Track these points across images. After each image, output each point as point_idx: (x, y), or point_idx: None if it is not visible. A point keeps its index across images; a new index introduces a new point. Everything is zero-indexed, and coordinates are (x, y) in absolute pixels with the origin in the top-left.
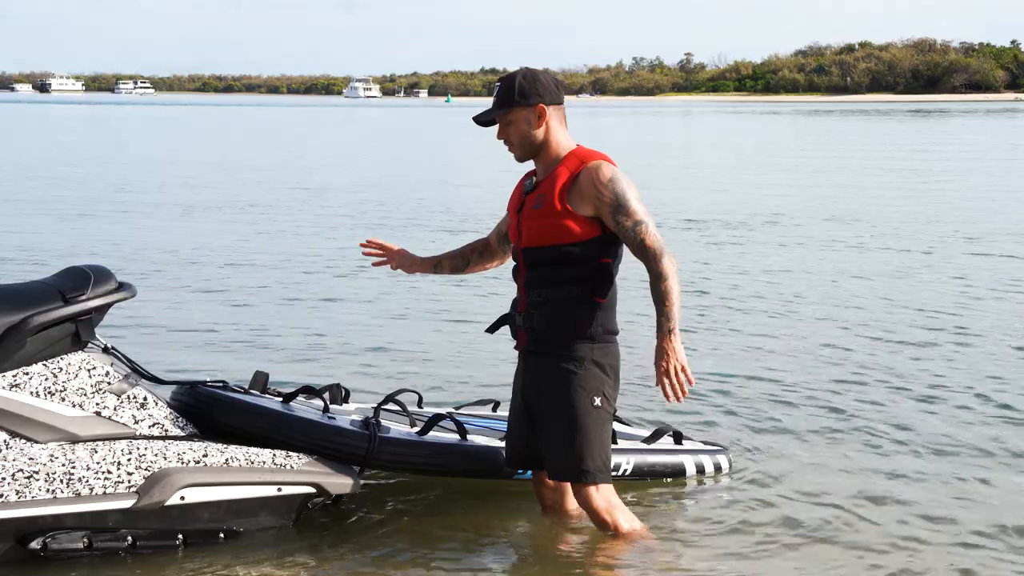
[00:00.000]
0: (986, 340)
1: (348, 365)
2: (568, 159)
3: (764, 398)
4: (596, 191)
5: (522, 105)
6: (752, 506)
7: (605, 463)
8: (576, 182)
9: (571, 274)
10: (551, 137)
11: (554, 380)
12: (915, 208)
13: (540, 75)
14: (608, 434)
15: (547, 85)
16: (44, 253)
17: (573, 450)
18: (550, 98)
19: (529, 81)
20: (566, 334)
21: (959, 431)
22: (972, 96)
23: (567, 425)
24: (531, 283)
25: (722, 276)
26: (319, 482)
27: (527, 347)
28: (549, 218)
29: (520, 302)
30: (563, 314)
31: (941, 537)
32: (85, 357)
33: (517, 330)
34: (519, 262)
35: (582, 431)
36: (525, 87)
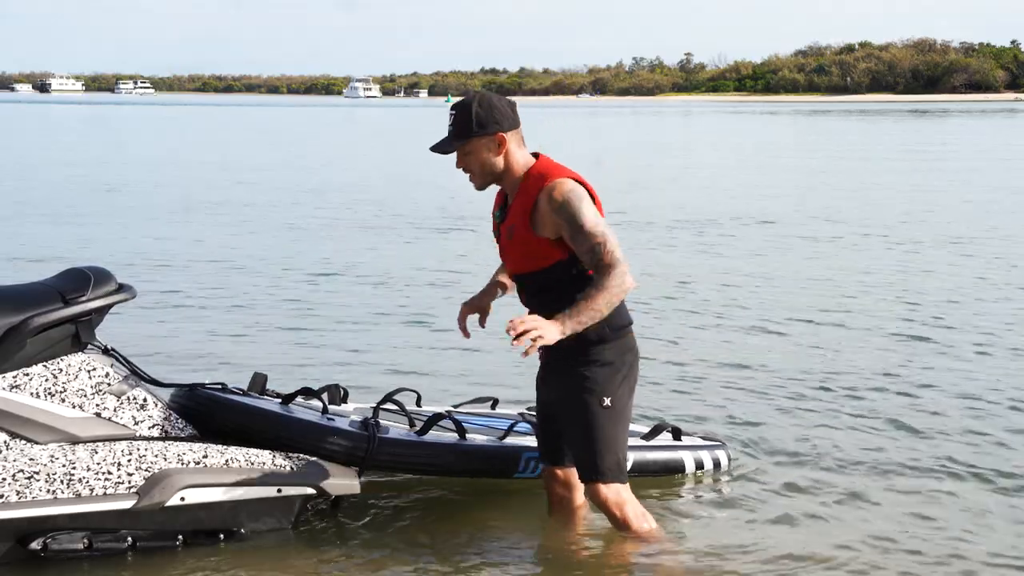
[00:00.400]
0: (980, 337)
1: (345, 365)
2: (527, 181)
3: (762, 394)
4: (552, 216)
5: (481, 135)
6: (751, 501)
7: (617, 463)
8: (536, 207)
9: (563, 292)
10: (511, 161)
11: (565, 384)
12: (911, 208)
13: (495, 101)
14: (621, 432)
15: (503, 111)
16: (44, 254)
17: (585, 451)
18: (508, 124)
19: (486, 109)
20: (578, 343)
21: (956, 426)
22: (972, 96)
23: (579, 427)
24: (530, 303)
25: (720, 274)
26: (319, 483)
27: (550, 360)
28: (522, 248)
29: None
30: (576, 342)
31: (939, 532)
32: (85, 358)
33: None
34: (518, 286)
35: (592, 432)
36: (482, 116)
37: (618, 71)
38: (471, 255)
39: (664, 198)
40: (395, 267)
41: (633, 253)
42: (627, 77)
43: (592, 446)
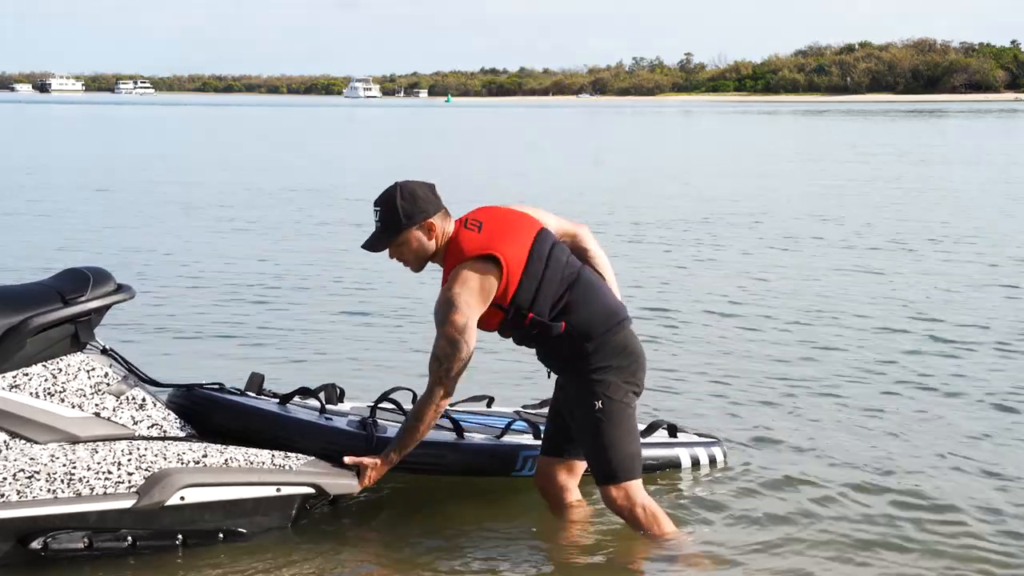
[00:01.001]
0: (980, 335)
1: (341, 364)
2: (447, 258)
3: (757, 390)
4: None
5: (409, 226)
6: (748, 497)
7: (623, 462)
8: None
9: (538, 342)
10: (441, 242)
11: (576, 391)
12: (908, 208)
13: (417, 189)
14: (623, 430)
15: (427, 198)
16: (43, 255)
17: (597, 454)
18: (432, 208)
19: (409, 201)
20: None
21: (954, 422)
22: (972, 96)
23: (591, 432)
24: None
25: (717, 273)
26: (318, 483)
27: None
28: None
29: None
30: (554, 361)
31: (936, 525)
32: (84, 358)
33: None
34: None
35: (603, 438)
36: (407, 208)
37: (618, 71)
38: None
39: (660, 197)
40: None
41: (630, 252)
42: (627, 77)
43: (598, 451)
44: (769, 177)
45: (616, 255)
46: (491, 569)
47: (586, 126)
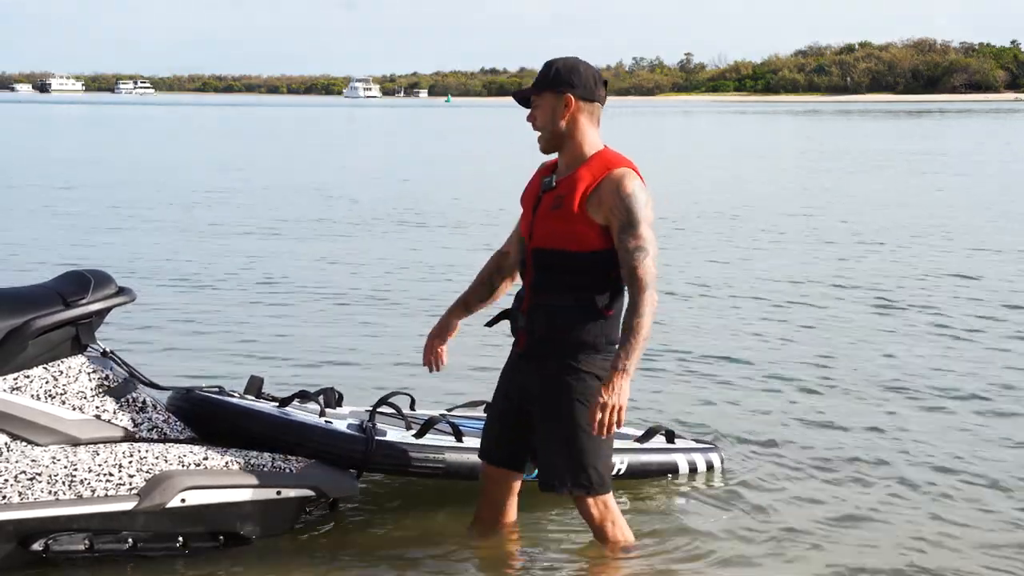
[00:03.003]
0: (975, 332)
1: (340, 368)
2: (593, 161)
3: (755, 396)
4: (614, 201)
5: (552, 89)
6: (744, 503)
7: (604, 475)
8: (598, 189)
9: (580, 283)
10: (577, 132)
11: (554, 390)
12: (907, 208)
13: (581, 67)
14: (609, 445)
15: (584, 78)
16: (43, 257)
17: (576, 462)
18: (582, 92)
19: (567, 69)
20: (569, 343)
21: (950, 425)
22: (972, 96)
23: (568, 438)
24: (538, 286)
25: (713, 274)
26: (318, 485)
27: (526, 351)
28: (565, 222)
29: (524, 301)
30: (567, 322)
31: (936, 526)
32: (85, 361)
33: (518, 330)
34: (528, 261)
35: (582, 445)
36: (561, 73)
37: (618, 71)
38: (464, 256)
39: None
40: (390, 270)
41: None
42: (627, 77)
43: (582, 458)
44: (766, 177)
45: None
46: (490, 572)
47: None
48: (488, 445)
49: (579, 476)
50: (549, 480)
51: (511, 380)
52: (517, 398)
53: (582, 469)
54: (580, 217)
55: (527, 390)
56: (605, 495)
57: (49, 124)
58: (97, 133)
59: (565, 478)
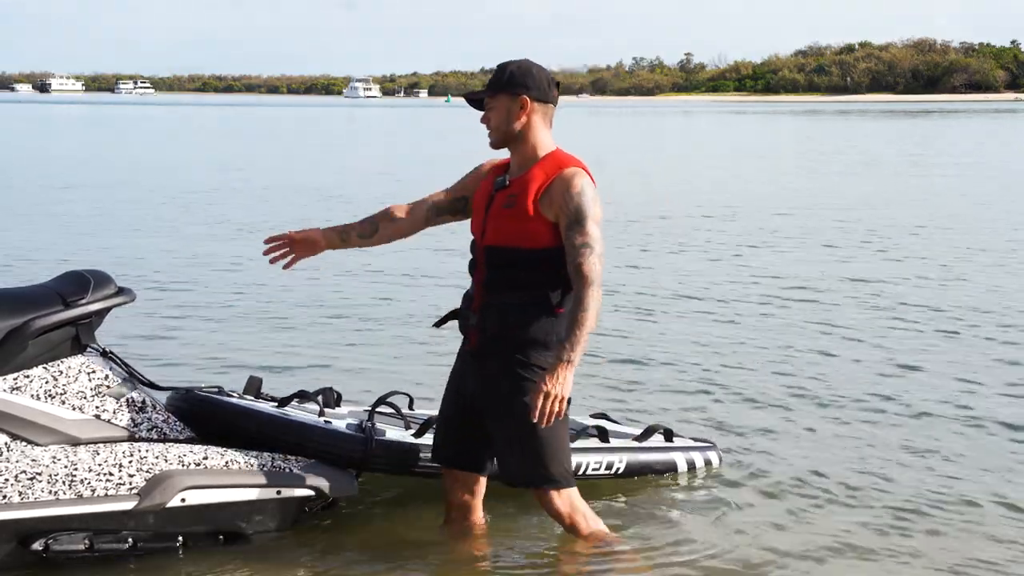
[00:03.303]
0: (975, 330)
1: (339, 368)
2: (546, 161)
3: (751, 394)
4: (563, 199)
5: (507, 92)
6: (743, 501)
7: (567, 468)
8: (550, 187)
9: (532, 280)
10: (530, 133)
11: (509, 388)
12: (906, 208)
13: (535, 69)
14: (567, 437)
15: (538, 80)
16: (43, 257)
17: (535, 458)
18: (536, 93)
19: (521, 72)
20: (521, 340)
21: (948, 424)
22: (972, 96)
23: (527, 434)
24: (489, 284)
25: (709, 274)
26: (317, 485)
27: (478, 349)
28: (518, 220)
29: (474, 300)
30: (520, 320)
31: (934, 526)
32: (85, 361)
33: (469, 329)
34: (478, 260)
35: (543, 440)
36: (515, 76)
37: (618, 71)
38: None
39: (651, 195)
40: (389, 270)
41: (619, 253)
42: (627, 77)
43: (542, 454)
44: (765, 177)
45: (611, 253)
46: (489, 571)
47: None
48: (440, 447)
49: (541, 472)
50: (511, 478)
51: (461, 380)
52: (469, 397)
53: (543, 465)
54: (533, 215)
55: (479, 389)
56: (569, 489)
57: (49, 124)
58: (97, 133)
59: (527, 475)
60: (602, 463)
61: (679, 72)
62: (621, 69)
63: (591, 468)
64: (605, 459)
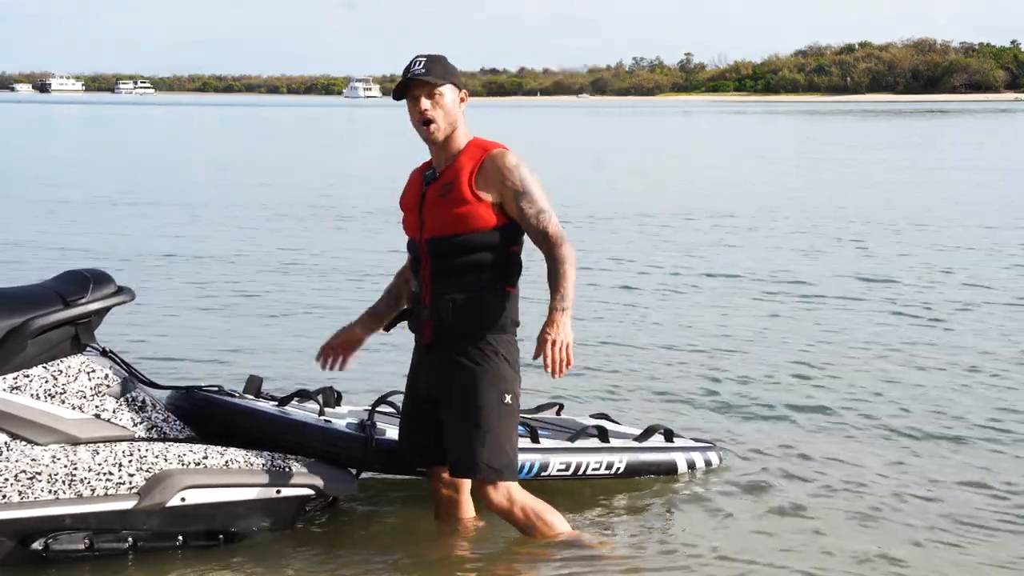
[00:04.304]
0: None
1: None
2: (469, 148)
3: (752, 394)
4: (501, 177)
5: (455, 84)
6: (743, 502)
7: (512, 460)
8: (482, 168)
9: (480, 262)
10: (461, 123)
11: (462, 375)
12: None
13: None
14: (515, 430)
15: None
16: (43, 256)
17: (478, 448)
18: (462, 88)
19: (450, 65)
20: (475, 325)
21: (950, 419)
22: (972, 96)
23: (474, 422)
24: (438, 274)
25: (709, 273)
26: (317, 484)
27: (432, 340)
28: (456, 206)
29: (424, 295)
30: (473, 304)
31: (933, 525)
32: (84, 360)
33: (421, 323)
34: (422, 255)
35: (490, 429)
36: (451, 69)
37: (618, 71)
38: None
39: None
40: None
41: (618, 252)
42: (627, 77)
43: (487, 442)
44: (764, 177)
45: (610, 254)
46: (488, 571)
47: (584, 127)
48: (404, 445)
49: (478, 461)
50: (451, 465)
51: (417, 377)
52: (424, 389)
53: (482, 453)
54: (471, 198)
55: (432, 379)
56: (507, 482)
57: (49, 124)
58: (97, 133)
59: (465, 463)
60: (602, 463)
61: (679, 72)
62: (621, 69)
63: (591, 468)
64: (605, 459)
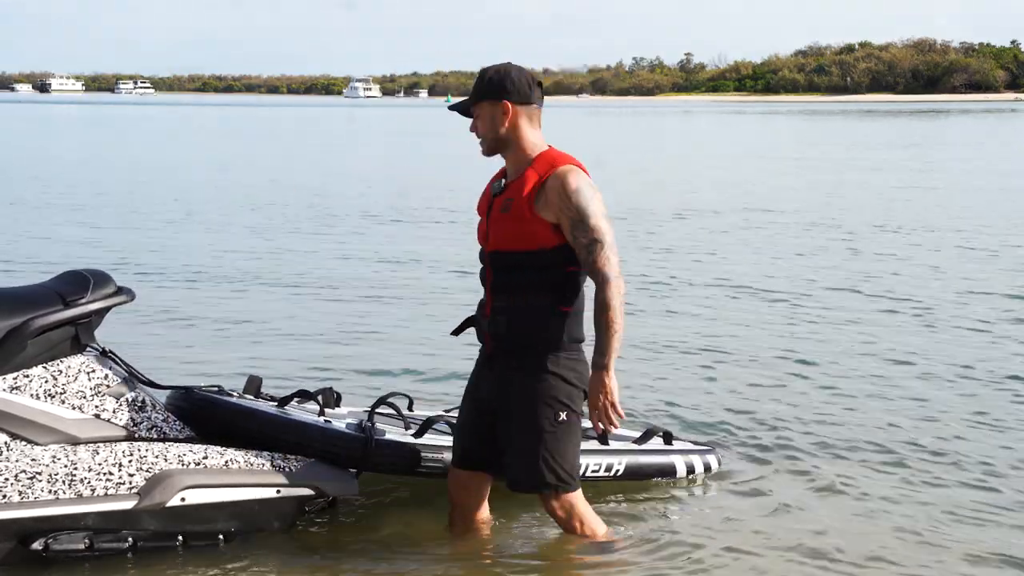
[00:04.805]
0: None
1: (339, 368)
2: (538, 162)
3: (753, 398)
4: (560, 201)
5: (489, 99)
6: (742, 505)
7: (570, 473)
8: (543, 188)
9: (537, 281)
10: (519, 136)
11: (519, 391)
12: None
13: (513, 72)
14: (577, 443)
15: (517, 83)
16: (43, 256)
17: (537, 463)
18: (517, 97)
19: (499, 76)
20: (531, 343)
21: (950, 418)
22: (972, 96)
23: (530, 439)
24: (497, 288)
25: (708, 273)
26: (317, 484)
27: (491, 353)
28: (516, 223)
29: (486, 306)
30: (528, 322)
31: (933, 524)
32: (84, 360)
33: (483, 334)
34: (486, 265)
35: (547, 445)
36: (494, 82)
37: (618, 71)
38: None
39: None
40: (388, 269)
41: (620, 250)
42: (627, 77)
43: (545, 458)
44: (764, 177)
45: None
46: (489, 571)
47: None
48: (461, 451)
49: (542, 476)
50: (515, 480)
51: (478, 385)
52: (484, 401)
53: (546, 469)
54: (530, 217)
55: (492, 392)
56: (570, 494)
57: (49, 124)
58: (97, 133)
59: (529, 478)
60: (601, 465)
61: (679, 72)
62: (621, 69)
63: (590, 470)
64: (604, 461)
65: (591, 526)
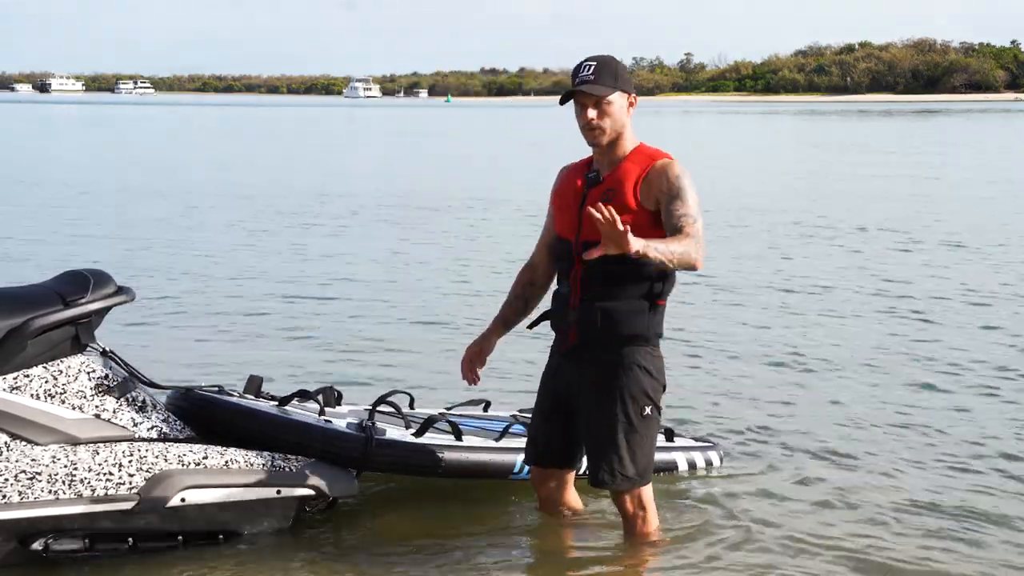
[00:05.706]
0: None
1: (339, 368)
2: (635, 155)
3: (756, 394)
4: (663, 183)
5: (624, 90)
6: (743, 502)
7: (647, 468)
8: (647, 177)
9: (636, 273)
10: (627, 130)
11: (602, 386)
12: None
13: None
14: (655, 438)
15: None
16: (43, 256)
17: (621, 457)
18: (635, 92)
19: (624, 70)
20: (622, 335)
21: (950, 419)
22: (972, 96)
23: (612, 434)
24: (591, 279)
25: (707, 272)
26: (317, 484)
27: (576, 346)
28: (619, 214)
29: (572, 298)
30: (623, 315)
31: (934, 525)
32: (85, 360)
33: (568, 327)
34: (570, 257)
35: (630, 439)
36: (623, 74)
37: None
38: (464, 255)
39: None
40: (387, 269)
41: None
42: None
43: (624, 454)
44: (764, 176)
45: None
46: (489, 571)
47: None
48: (538, 448)
49: (624, 470)
50: (596, 475)
51: (556, 379)
52: (565, 396)
53: (630, 462)
54: (636, 208)
55: (574, 387)
56: (641, 489)
57: (49, 124)
58: (97, 133)
59: (611, 473)
60: None
61: (679, 72)
62: None
63: None
64: None
65: (650, 523)
